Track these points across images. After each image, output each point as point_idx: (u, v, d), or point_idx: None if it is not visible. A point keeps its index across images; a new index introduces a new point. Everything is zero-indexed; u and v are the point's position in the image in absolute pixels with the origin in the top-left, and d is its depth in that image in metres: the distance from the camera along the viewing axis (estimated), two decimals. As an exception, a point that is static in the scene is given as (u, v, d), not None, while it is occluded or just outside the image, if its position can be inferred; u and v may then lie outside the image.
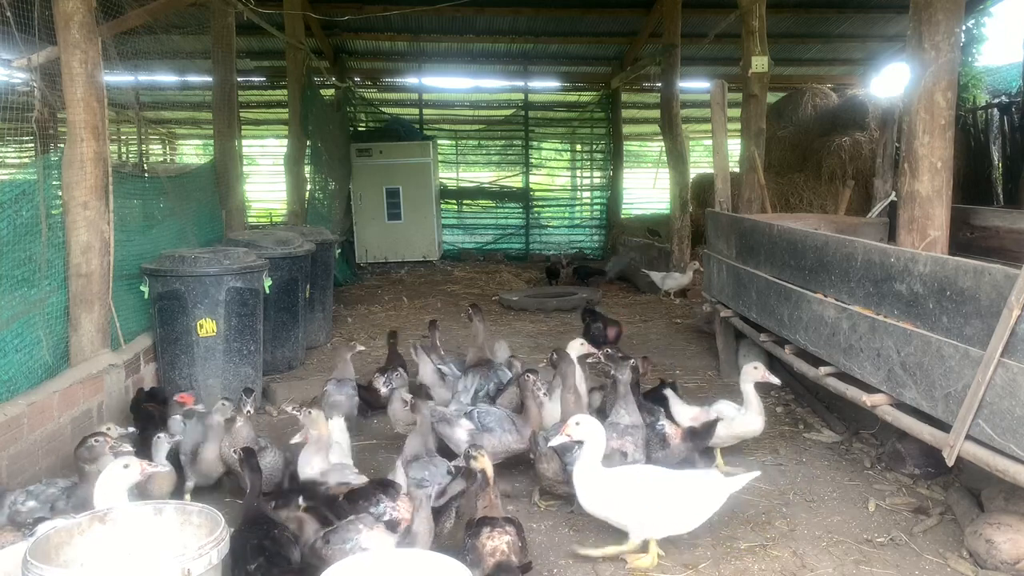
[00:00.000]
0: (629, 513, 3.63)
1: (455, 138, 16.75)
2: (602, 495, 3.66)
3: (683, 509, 3.63)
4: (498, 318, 9.53)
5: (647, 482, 3.69)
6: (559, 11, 13.57)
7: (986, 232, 6.06)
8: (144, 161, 15.44)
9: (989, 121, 12.34)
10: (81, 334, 5.01)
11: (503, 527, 3.30)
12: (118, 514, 3.06)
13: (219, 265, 5.68)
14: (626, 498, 3.62)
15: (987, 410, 3.17)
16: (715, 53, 14.46)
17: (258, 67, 14.77)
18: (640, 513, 3.60)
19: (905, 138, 4.59)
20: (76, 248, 4.95)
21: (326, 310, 8.38)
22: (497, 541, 3.24)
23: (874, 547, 3.84)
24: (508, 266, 14.30)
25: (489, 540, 3.24)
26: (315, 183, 12.22)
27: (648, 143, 19.15)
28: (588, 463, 3.68)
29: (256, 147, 18.99)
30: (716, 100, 7.27)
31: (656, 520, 3.61)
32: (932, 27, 4.36)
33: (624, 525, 3.68)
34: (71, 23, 4.82)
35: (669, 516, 3.62)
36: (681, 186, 11.75)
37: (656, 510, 3.60)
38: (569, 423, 3.74)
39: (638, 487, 3.65)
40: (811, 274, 4.76)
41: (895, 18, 13.67)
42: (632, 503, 3.61)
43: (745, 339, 6.42)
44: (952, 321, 3.39)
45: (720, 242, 6.75)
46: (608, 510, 3.67)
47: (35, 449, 4.23)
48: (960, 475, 4.32)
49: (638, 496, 3.61)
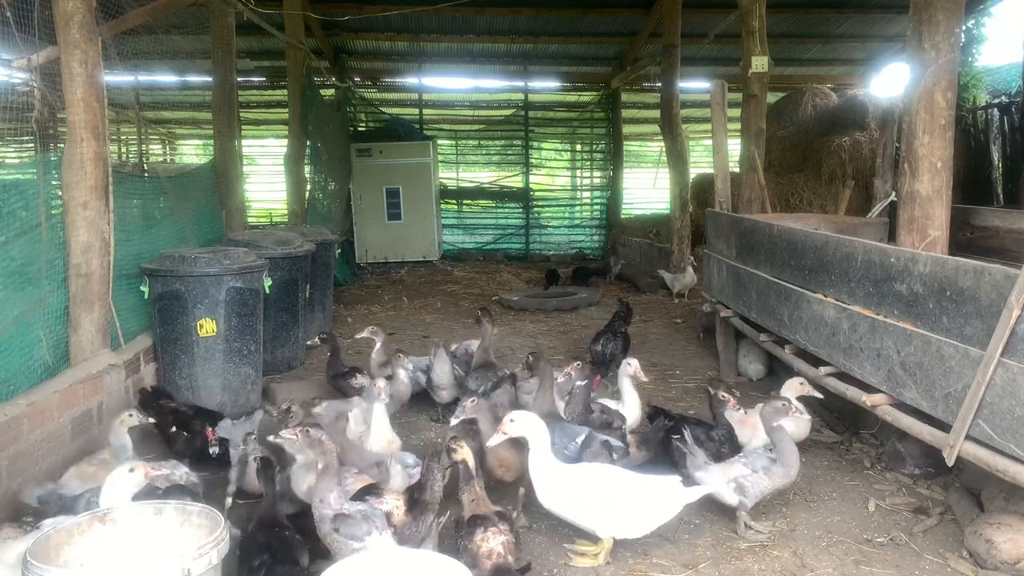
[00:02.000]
0: (586, 511, 3.60)
1: (455, 138, 16.75)
2: (559, 491, 3.63)
3: (639, 512, 3.59)
4: (498, 318, 9.50)
5: (606, 480, 3.66)
6: (559, 11, 13.58)
7: (986, 232, 6.06)
8: (144, 161, 15.45)
9: (989, 121, 12.34)
10: (81, 334, 5.01)
11: (496, 526, 3.27)
12: (118, 514, 3.06)
13: (219, 265, 5.68)
14: (583, 495, 3.60)
15: (987, 410, 3.17)
16: (715, 53, 14.46)
17: (258, 67, 14.78)
18: (597, 511, 3.57)
19: (905, 138, 4.59)
20: (76, 248, 4.94)
21: (326, 310, 8.38)
22: (492, 543, 3.22)
23: (874, 547, 3.84)
24: (508, 266, 14.32)
25: (484, 542, 3.22)
26: (315, 183, 12.22)
27: (648, 143, 19.15)
28: (538, 459, 3.65)
29: (256, 147, 18.99)
30: (716, 100, 7.27)
31: (611, 520, 3.58)
32: (932, 27, 4.36)
33: (582, 523, 3.67)
34: (71, 23, 4.82)
35: (624, 517, 3.58)
36: (681, 186, 11.76)
37: (613, 509, 3.56)
38: (504, 421, 3.72)
39: (596, 484, 3.62)
40: (811, 274, 4.76)
41: (895, 18, 13.68)
42: (590, 500, 3.58)
43: (745, 339, 6.42)
44: (952, 321, 3.39)
45: (720, 242, 6.75)
46: (566, 507, 3.65)
47: (35, 449, 4.22)
48: (960, 475, 4.31)
49: (596, 494, 3.58)
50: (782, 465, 3.93)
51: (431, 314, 9.88)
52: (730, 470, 3.95)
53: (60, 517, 3.40)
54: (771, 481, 3.91)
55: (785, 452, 3.95)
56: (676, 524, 3.91)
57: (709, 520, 4.13)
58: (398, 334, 8.59)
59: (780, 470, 3.92)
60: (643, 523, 3.62)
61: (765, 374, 6.61)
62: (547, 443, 3.70)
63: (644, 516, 3.61)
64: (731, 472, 3.94)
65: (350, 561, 3.01)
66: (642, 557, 3.76)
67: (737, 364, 6.81)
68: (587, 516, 3.62)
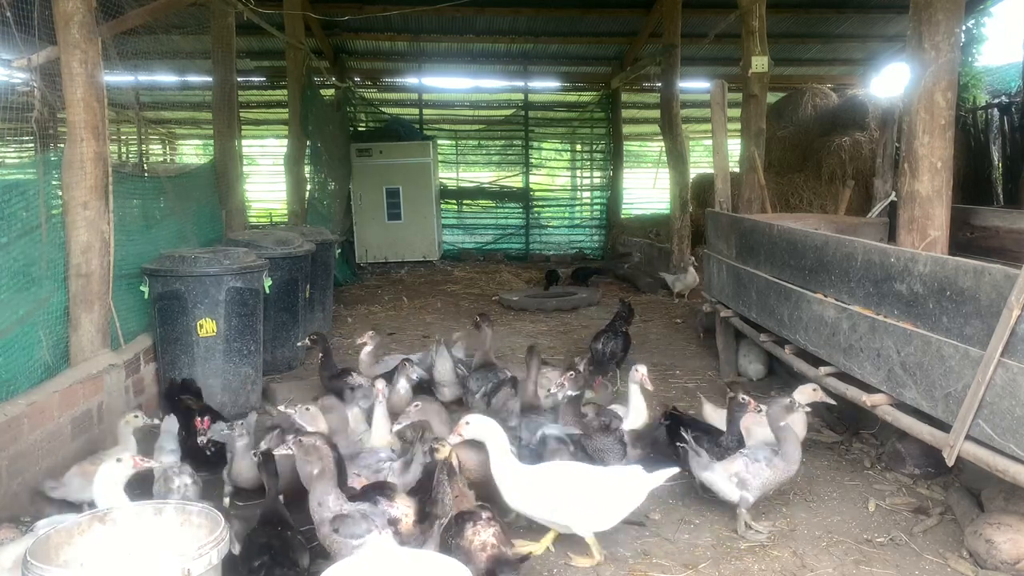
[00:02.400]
0: (553, 509, 3.60)
1: (455, 138, 16.74)
2: (522, 492, 3.64)
3: (605, 503, 3.60)
4: (498, 318, 9.52)
5: (567, 477, 3.67)
6: (559, 11, 13.57)
7: (986, 232, 6.06)
8: (144, 161, 15.44)
9: (989, 121, 12.33)
10: (81, 334, 5.01)
11: (484, 519, 3.26)
12: (118, 514, 3.06)
13: (219, 265, 5.68)
14: (547, 494, 3.60)
15: (987, 410, 3.17)
16: (715, 53, 14.46)
17: (258, 67, 14.77)
18: (564, 508, 3.58)
19: (905, 138, 4.59)
20: (76, 248, 4.94)
21: (326, 310, 8.38)
22: (484, 535, 3.21)
23: (874, 547, 3.84)
24: (508, 266, 14.31)
25: (475, 536, 3.21)
26: (315, 183, 12.22)
27: (648, 143, 19.14)
28: (499, 462, 3.66)
29: (256, 147, 18.98)
30: (716, 100, 7.27)
31: (579, 515, 3.59)
32: (932, 27, 4.36)
33: (551, 521, 3.68)
34: (71, 23, 4.82)
35: (592, 510, 3.58)
36: (681, 186, 11.76)
37: (579, 505, 3.56)
38: (460, 423, 3.75)
39: (558, 482, 3.62)
40: (811, 274, 4.76)
41: (895, 18, 13.67)
42: (554, 499, 3.59)
43: (745, 339, 6.42)
44: (952, 321, 3.39)
45: (720, 242, 6.75)
46: (532, 507, 3.66)
47: (35, 449, 4.22)
48: (960, 475, 4.31)
49: (559, 491, 3.59)
50: (783, 458, 3.94)
51: (431, 314, 9.88)
52: (731, 466, 3.97)
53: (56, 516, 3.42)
54: (772, 472, 3.91)
55: (788, 447, 3.96)
56: (644, 510, 3.99)
57: (709, 520, 4.13)
58: (398, 334, 8.59)
59: (781, 463, 3.93)
60: (611, 514, 3.64)
61: (765, 374, 6.61)
62: (505, 445, 3.71)
63: (611, 507, 3.62)
64: (732, 468, 3.96)
65: (350, 561, 3.01)
66: (642, 557, 3.76)
67: (737, 364, 6.81)
68: (555, 514, 3.63)
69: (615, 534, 3.98)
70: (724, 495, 3.99)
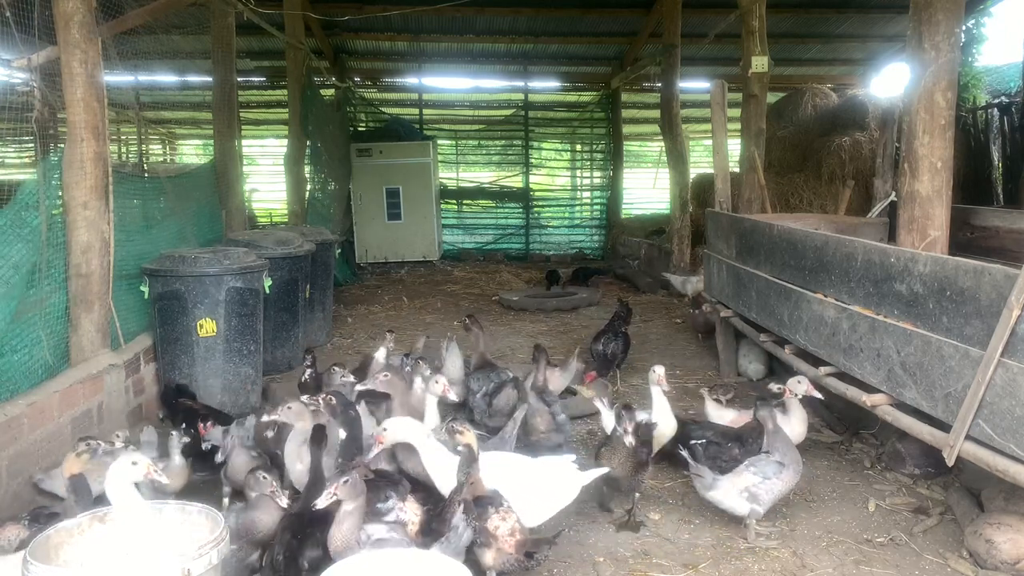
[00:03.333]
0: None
1: (455, 138, 16.74)
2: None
3: (534, 498, 3.51)
4: (498, 318, 9.53)
5: (497, 467, 3.58)
6: (559, 11, 13.57)
7: (986, 232, 6.06)
8: (144, 161, 15.43)
9: (989, 121, 12.32)
10: (81, 334, 5.01)
11: (505, 506, 3.24)
12: (118, 514, 3.06)
13: (219, 265, 5.69)
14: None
15: (987, 410, 3.17)
16: (715, 53, 14.46)
17: (258, 67, 14.77)
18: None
19: (905, 138, 4.59)
20: (76, 248, 4.94)
21: (326, 310, 8.38)
22: (510, 521, 3.19)
23: (874, 547, 3.84)
24: (508, 266, 14.31)
25: (503, 521, 3.19)
26: (315, 183, 12.22)
27: (648, 143, 19.14)
28: (428, 456, 3.59)
29: (256, 147, 18.97)
30: (716, 100, 7.26)
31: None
32: (932, 27, 4.36)
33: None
34: (71, 23, 4.82)
35: (519, 505, 3.40)
36: (681, 186, 11.76)
37: (509, 497, 3.44)
38: (379, 433, 3.64)
39: (488, 472, 3.50)
40: (811, 274, 4.76)
41: (895, 18, 13.68)
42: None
43: (745, 339, 6.42)
44: (952, 321, 3.39)
45: (720, 242, 6.75)
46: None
47: (35, 449, 4.22)
48: (960, 475, 4.32)
49: (490, 481, 3.48)
50: (790, 468, 3.87)
51: (431, 314, 9.88)
52: (739, 480, 3.84)
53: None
54: (784, 485, 3.85)
55: (788, 454, 3.92)
56: (572, 510, 3.86)
57: (709, 520, 4.13)
58: (398, 334, 8.57)
59: (789, 474, 3.87)
60: (539, 510, 3.55)
61: (765, 374, 6.61)
62: (430, 441, 3.63)
63: (539, 503, 3.55)
64: (741, 482, 3.83)
65: (350, 561, 3.01)
66: (642, 557, 3.76)
67: (737, 364, 6.81)
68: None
69: (615, 534, 3.98)
70: (732, 512, 3.90)
